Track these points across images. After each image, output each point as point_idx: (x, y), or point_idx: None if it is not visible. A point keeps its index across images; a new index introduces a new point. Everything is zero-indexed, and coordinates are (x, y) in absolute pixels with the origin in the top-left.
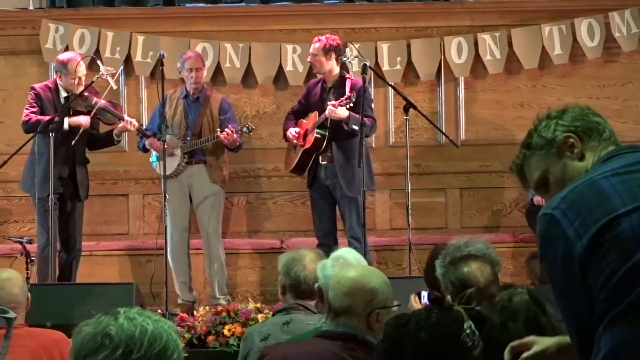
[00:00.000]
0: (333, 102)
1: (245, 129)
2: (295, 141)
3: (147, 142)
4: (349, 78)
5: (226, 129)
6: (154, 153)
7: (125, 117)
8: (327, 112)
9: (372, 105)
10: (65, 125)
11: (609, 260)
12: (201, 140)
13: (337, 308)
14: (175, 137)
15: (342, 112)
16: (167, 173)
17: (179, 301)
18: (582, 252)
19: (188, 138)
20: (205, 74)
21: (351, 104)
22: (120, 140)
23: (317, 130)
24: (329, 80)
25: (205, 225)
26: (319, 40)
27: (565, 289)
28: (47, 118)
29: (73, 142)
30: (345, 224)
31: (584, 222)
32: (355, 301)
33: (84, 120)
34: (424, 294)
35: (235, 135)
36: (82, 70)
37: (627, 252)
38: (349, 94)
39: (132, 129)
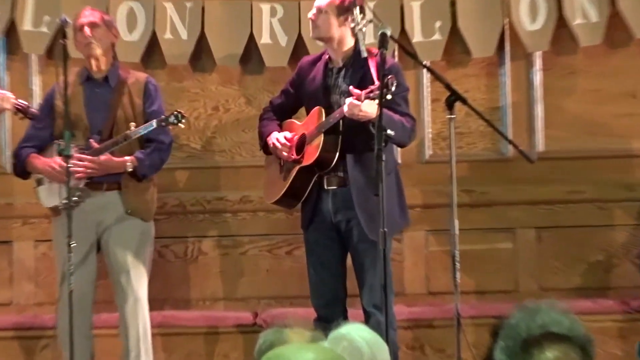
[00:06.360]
0: (357, 91)
1: (172, 118)
2: (284, 154)
3: (31, 161)
4: (372, 53)
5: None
6: (39, 175)
7: None
8: (345, 107)
9: (407, 97)
10: None
11: None
12: (109, 144)
13: None
14: (71, 146)
15: (370, 108)
16: (54, 204)
17: None
18: None
19: (91, 145)
20: (115, 41)
21: (388, 96)
22: None
23: (324, 137)
24: (337, 55)
25: (123, 284)
26: None
27: None
28: None
29: None
30: (363, 285)
31: None
32: None
33: None
34: None
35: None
36: None
37: None
38: (389, 78)
39: (8, 106)
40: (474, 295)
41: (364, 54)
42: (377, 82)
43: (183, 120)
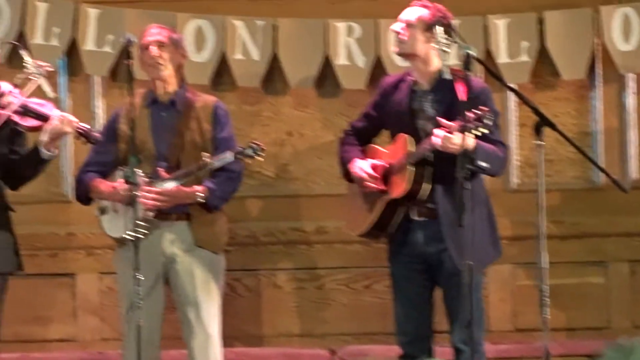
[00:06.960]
0: (448, 123)
1: (249, 150)
2: (370, 184)
3: (95, 185)
4: (459, 76)
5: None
6: (102, 203)
7: (56, 113)
8: (436, 139)
9: (498, 122)
10: None
11: None
12: (180, 175)
13: None
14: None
15: (462, 140)
16: (119, 235)
17: None
18: None
19: (159, 174)
20: (184, 61)
21: (483, 130)
22: (53, 155)
23: (415, 169)
24: (423, 77)
25: (192, 319)
26: (425, 5)
27: None
28: None
29: None
30: (454, 321)
31: None
32: None
33: None
34: None
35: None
36: None
37: None
38: (482, 111)
39: (69, 129)
40: (564, 333)
41: (446, 75)
42: (469, 114)
43: (260, 153)
